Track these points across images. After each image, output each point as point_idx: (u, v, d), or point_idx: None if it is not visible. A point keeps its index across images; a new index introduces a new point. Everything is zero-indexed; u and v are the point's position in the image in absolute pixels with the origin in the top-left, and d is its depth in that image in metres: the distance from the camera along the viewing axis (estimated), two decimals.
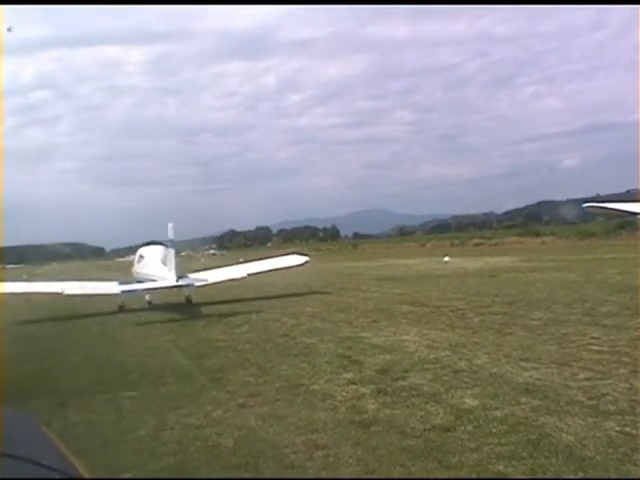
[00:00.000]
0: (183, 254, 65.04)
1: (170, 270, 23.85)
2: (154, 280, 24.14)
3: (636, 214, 24.82)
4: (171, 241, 25.17)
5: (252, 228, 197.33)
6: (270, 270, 28.84)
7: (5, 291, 24.68)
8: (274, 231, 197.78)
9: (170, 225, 25.10)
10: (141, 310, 23.62)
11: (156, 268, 25.19)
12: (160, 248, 26.54)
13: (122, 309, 23.84)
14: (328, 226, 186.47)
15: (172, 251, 24.65)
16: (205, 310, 22.61)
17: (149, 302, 24.51)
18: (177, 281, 23.24)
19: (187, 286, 23.81)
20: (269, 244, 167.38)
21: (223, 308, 22.62)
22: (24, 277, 62.76)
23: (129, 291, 23.67)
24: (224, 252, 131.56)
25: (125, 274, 28.81)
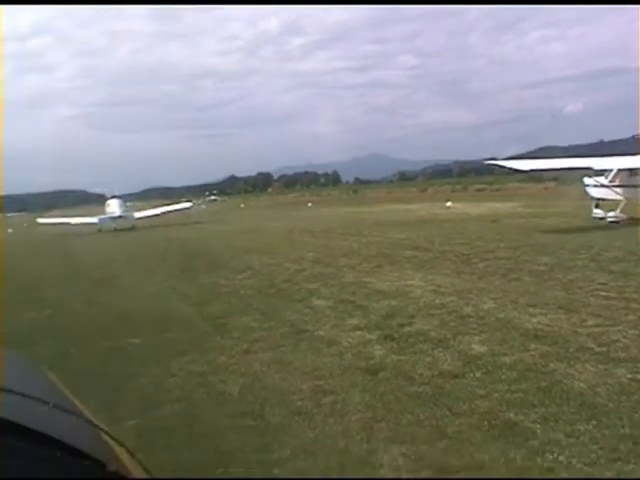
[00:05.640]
0: (185, 201, 65.81)
1: (118, 210, 48.16)
2: (112, 215, 47.52)
3: (523, 171, 27.16)
4: (120, 198, 52.46)
5: (253, 174, 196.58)
6: (173, 211, 51.61)
7: (43, 222, 52.08)
8: (275, 177, 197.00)
9: (115, 201, 50.60)
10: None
11: (112, 209, 48.64)
12: (116, 199, 50.83)
13: (100, 231, 44.51)
14: (329, 172, 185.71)
15: (120, 201, 50.70)
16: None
17: (114, 229, 44.83)
18: (118, 215, 47.16)
19: (126, 217, 47.26)
20: (269, 189, 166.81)
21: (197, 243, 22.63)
22: (25, 225, 63.19)
23: (102, 220, 46.75)
24: (225, 199, 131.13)
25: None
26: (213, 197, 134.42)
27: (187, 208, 54.56)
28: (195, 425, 6.22)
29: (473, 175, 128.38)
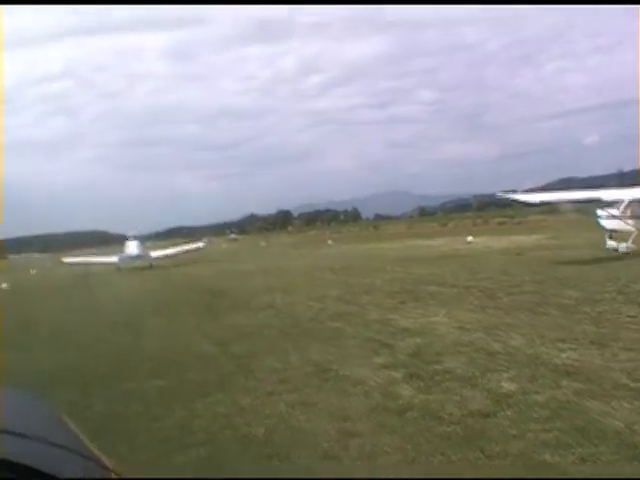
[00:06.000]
0: (205, 240, 67.18)
1: (136, 250, 48.76)
2: (130, 255, 48.63)
3: (533, 205, 28.29)
4: (139, 238, 51.88)
5: (273, 212, 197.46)
6: (189, 250, 53.51)
7: (67, 261, 56.26)
8: (295, 214, 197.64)
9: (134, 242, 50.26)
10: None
11: (130, 250, 49.10)
12: (134, 240, 50.34)
13: (119, 269, 47.13)
14: (349, 208, 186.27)
15: (138, 241, 50.24)
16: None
17: (134, 267, 47.02)
18: (136, 254, 48.48)
19: (144, 257, 48.80)
20: (290, 228, 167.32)
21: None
22: (48, 266, 64.78)
23: (121, 259, 48.65)
24: (245, 237, 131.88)
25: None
26: (234, 236, 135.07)
27: (201, 247, 56.70)
28: (220, 469, 6.07)
29: (494, 208, 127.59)
